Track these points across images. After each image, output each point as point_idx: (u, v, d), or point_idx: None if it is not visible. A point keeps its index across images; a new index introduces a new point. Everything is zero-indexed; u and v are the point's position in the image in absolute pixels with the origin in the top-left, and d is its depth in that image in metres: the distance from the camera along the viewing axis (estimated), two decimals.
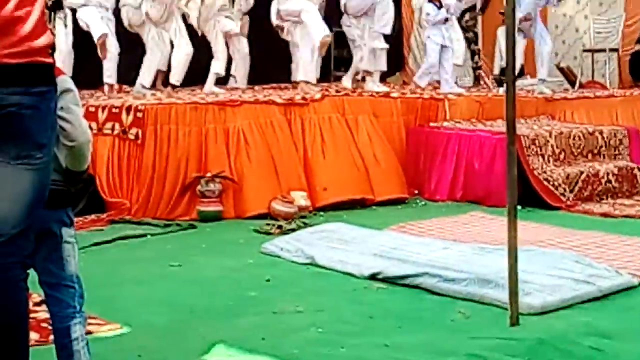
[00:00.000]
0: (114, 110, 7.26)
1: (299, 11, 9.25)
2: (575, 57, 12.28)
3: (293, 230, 6.32)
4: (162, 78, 9.04)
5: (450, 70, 9.86)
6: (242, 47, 9.46)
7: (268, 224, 6.57)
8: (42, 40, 2.60)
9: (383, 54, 9.75)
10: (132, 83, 8.99)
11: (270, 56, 9.89)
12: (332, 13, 10.20)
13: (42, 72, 2.63)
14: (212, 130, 7.15)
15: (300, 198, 7.12)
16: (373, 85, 9.54)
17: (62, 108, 2.95)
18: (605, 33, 12.15)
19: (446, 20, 9.83)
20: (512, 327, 4.08)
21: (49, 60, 2.66)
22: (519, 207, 4.38)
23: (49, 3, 2.64)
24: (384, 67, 9.89)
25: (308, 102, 7.81)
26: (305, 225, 6.51)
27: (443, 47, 9.81)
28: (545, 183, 7.61)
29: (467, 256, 5.22)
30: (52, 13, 2.95)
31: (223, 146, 7.15)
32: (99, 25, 8.77)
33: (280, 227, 6.47)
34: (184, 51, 8.64)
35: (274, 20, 9.60)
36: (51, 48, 2.68)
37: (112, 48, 8.86)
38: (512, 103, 4.19)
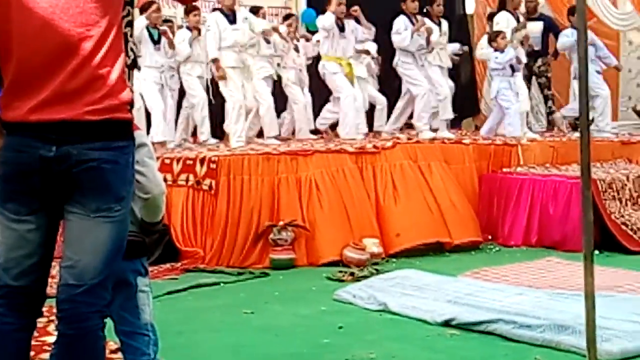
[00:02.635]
0: (188, 162, 7.41)
1: None
2: None
3: (365, 277, 6.31)
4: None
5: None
6: None
7: (340, 271, 6.58)
8: (122, 97, 2.69)
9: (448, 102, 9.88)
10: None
11: None
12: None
13: (122, 127, 2.72)
14: (285, 180, 7.22)
15: (373, 245, 7.12)
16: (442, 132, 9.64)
17: (137, 162, 3.03)
18: None
19: (513, 70, 9.79)
20: None
21: (128, 116, 2.75)
22: (597, 252, 4.30)
23: (129, 61, 2.73)
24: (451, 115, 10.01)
25: (379, 150, 7.83)
26: (378, 272, 6.49)
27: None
28: (624, 227, 7.46)
29: (543, 302, 5.13)
30: (131, 71, 3.05)
31: (295, 195, 7.21)
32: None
33: (352, 274, 6.47)
34: None
35: None
36: (130, 104, 2.77)
37: None
38: (586, 147, 4.12)
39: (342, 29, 9.38)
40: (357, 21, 9.71)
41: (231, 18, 8.80)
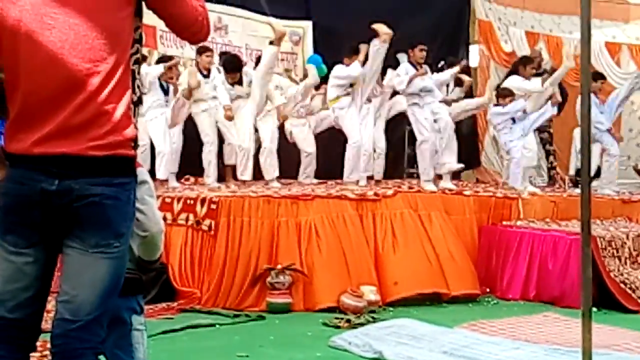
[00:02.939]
0: (188, 201, 7.41)
1: None
2: None
3: (362, 324, 6.28)
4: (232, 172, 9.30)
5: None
6: None
7: (337, 318, 6.54)
8: (126, 134, 2.70)
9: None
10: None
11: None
12: None
13: (125, 164, 2.72)
14: (284, 223, 7.22)
15: (370, 292, 7.08)
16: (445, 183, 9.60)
17: (137, 199, 3.03)
18: None
19: (513, 121, 9.84)
20: None
21: (131, 152, 2.74)
22: (594, 310, 4.28)
23: (135, 98, 2.74)
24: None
25: (380, 198, 7.84)
26: (374, 320, 6.46)
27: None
28: (622, 285, 7.43)
29: (539, 357, 5.10)
30: (136, 107, 3.05)
31: (294, 239, 7.20)
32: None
33: (349, 321, 6.44)
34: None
35: None
36: (134, 141, 2.77)
37: None
38: (587, 203, 4.12)
39: None
40: None
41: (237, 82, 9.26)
